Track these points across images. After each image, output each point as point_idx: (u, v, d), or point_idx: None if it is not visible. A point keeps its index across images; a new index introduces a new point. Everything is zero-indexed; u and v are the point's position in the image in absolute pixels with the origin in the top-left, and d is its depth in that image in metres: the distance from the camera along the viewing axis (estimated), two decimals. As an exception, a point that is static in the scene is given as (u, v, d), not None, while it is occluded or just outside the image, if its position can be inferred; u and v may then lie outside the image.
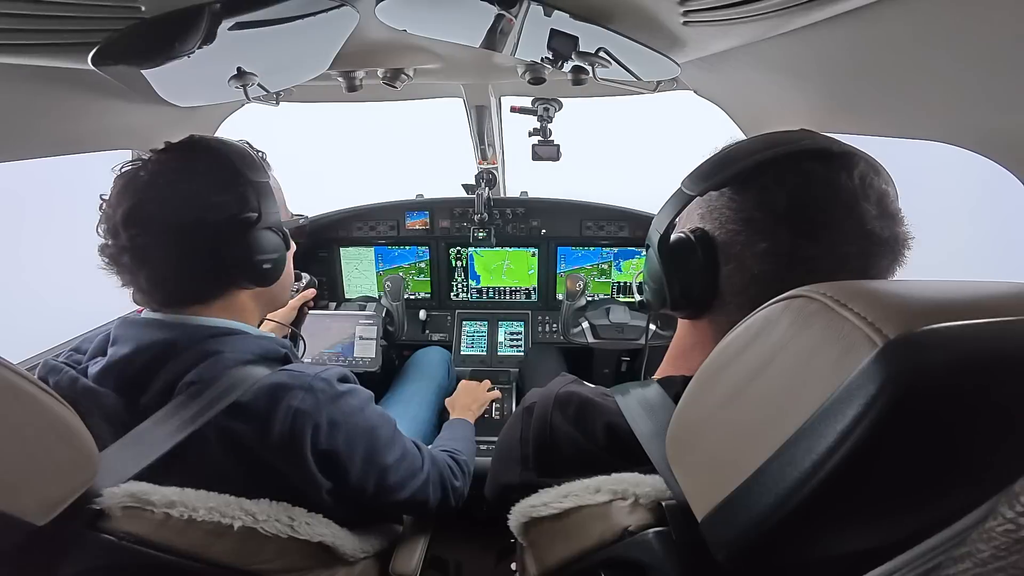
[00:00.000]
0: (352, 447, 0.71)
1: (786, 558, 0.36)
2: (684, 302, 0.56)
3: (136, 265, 0.68)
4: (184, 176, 0.70)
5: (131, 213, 0.67)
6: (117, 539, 0.55)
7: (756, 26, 0.69)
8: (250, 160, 0.76)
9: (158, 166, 0.70)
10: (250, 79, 0.94)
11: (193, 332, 0.70)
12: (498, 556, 1.13)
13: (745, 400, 0.36)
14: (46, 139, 0.98)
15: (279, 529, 0.63)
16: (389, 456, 0.78)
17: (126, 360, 0.66)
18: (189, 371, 0.66)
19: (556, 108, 1.53)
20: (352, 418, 0.72)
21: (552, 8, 0.69)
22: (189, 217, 0.68)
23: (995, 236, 1.32)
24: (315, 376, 0.70)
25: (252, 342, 0.73)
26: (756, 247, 0.50)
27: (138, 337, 0.68)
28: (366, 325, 1.48)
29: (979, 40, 0.51)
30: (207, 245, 0.70)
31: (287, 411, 0.65)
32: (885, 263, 0.50)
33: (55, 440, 0.49)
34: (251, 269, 0.74)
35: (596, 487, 0.49)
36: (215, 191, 0.71)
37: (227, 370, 0.67)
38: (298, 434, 0.65)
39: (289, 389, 0.67)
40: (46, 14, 0.58)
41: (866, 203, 0.48)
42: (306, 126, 2.76)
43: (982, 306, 0.28)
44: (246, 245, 0.72)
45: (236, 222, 0.72)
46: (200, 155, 0.73)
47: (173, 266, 0.69)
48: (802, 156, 0.50)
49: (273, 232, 0.76)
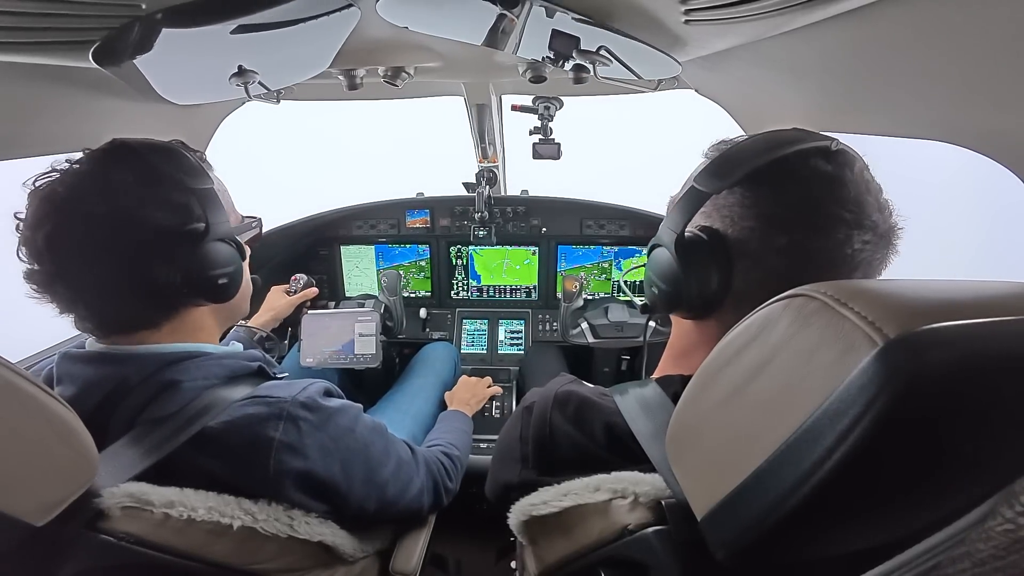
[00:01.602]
0: (350, 472, 0.69)
1: (786, 557, 0.36)
2: (699, 301, 0.56)
3: (70, 293, 0.62)
4: (109, 189, 0.61)
5: (53, 237, 0.59)
6: (116, 539, 0.55)
7: (757, 25, 0.69)
8: (187, 164, 0.68)
9: (77, 179, 0.61)
10: (251, 77, 0.93)
11: (143, 363, 0.63)
12: (498, 554, 1.14)
13: (745, 399, 0.36)
14: (45, 137, 0.97)
15: (278, 529, 0.63)
16: (386, 470, 0.76)
17: (75, 402, 0.55)
18: (145, 408, 0.61)
19: (557, 107, 1.52)
20: (344, 440, 0.68)
21: (554, 7, 0.69)
22: (121, 236, 0.61)
23: (995, 235, 1.31)
24: (294, 401, 0.64)
25: (214, 364, 0.67)
26: (776, 242, 0.51)
27: (84, 375, 0.62)
28: (364, 322, 1.48)
29: (979, 39, 0.51)
30: (147, 265, 0.62)
31: (267, 445, 0.61)
32: (882, 254, 0.52)
33: (54, 440, 0.49)
34: (204, 286, 0.67)
35: (596, 486, 0.49)
36: (148, 204, 0.63)
37: (190, 402, 0.62)
38: (283, 471, 0.61)
39: (266, 421, 0.62)
40: (45, 11, 0.58)
41: (868, 196, 0.50)
42: (307, 124, 2.76)
43: (982, 306, 0.28)
44: (195, 261, 0.65)
45: (179, 236, 0.65)
46: (127, 163, 0.64)
47: (111, 292, 0.62)
48: (809, 154, 0.51)
49: (224, 243, 0.70)
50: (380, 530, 0.87)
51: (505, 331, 1.90)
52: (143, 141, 0.68)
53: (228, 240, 0.71)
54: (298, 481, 0.64)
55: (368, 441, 0.73)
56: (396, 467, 0.78)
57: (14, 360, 0.47)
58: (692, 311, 0.57)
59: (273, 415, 0.63)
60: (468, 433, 1.20)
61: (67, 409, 0.50)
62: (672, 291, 0.57)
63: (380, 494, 0.74)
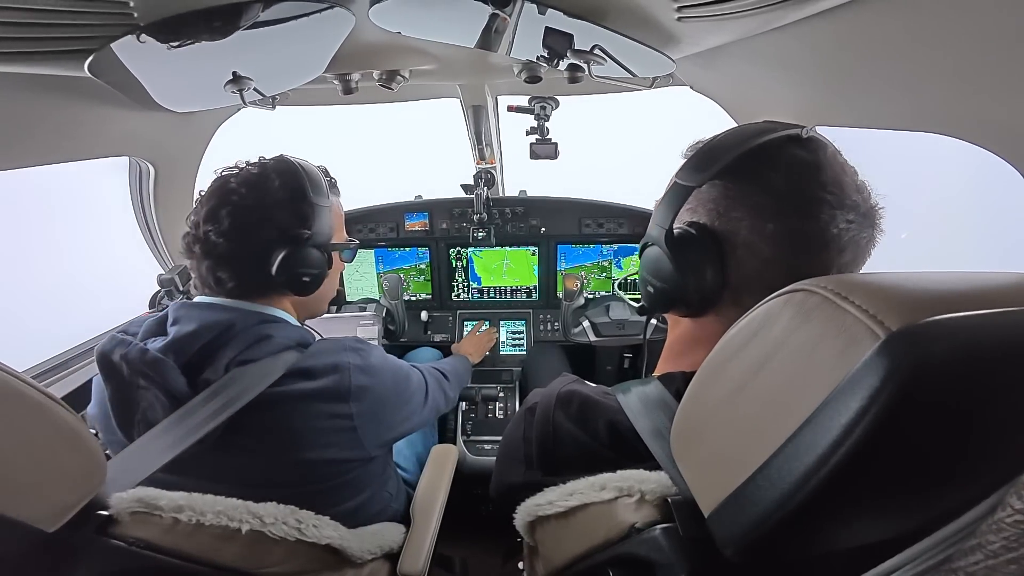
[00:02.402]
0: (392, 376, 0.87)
1: (794, 552, 0.36)
2: (696, 297, 0.55)
3: (203, 255, 0.79)
4: (259, 189, 0.80)
5: (211, 212, 0.78)
6: (127, 544, 0.55)
7: (749, 21, 0.69)
8: (317, 183, 0.85)
9: (245, 175, 0.81)
10: (246, 83, 0.94)
11: (248, 316, 0.79)
12: (505, 555, 1.13)
13: (749, 395, 0.36)
14: (43, 147, 0.98)
15: (286, 532, 0.63)
16: (413, 379, 0.95)
17: (191, 336, 0.72)
18: (243, 351, 0.74)
19: (553, 106, 1.52)
20: (384, 359, 0.87)
21: (547, 7, 0.69)
22: (253, 225, 0.78)
23: (994, 226, 1.31)
24: (347, 344, 0.82)
25: (293, 330, 0.82)
26: (764, 230, 0.51)
27: (201, 317, 0.75)
28: (366, 326, 1.48)
29: (970, 30, 0.51)
30: (262, 251, 0.79)
31: (345, 367, 0.77)
32: (867, 234, 0.52)
33: (63, 447, 0.50)
34: (292, 279, 0.82)
35: (601, 484, 0.49)
36: (279, 207, 0.80)
37: (272, 353, 0.74)
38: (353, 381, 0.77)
39: (340, 351, 0.79)
40: (40, 22, 0.58)
41: (845, 177, 0.51)
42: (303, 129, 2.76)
43: (983, 297, 0.28)
44: (293, 258, 0.80)
45: (289, 236, 0.80)
46: (279, 173, 0.82)
47: (231, 263, 0.79)
48: (784, 142, 0.53)
49: (318, 251, 0.85)
50: (387, 530, 0.87)
51: (507, 332, 1.90)
52: (297, 159, 0.87)
53: (323, 249, 0.86)
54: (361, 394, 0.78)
55: (400, 363, 0.93)
56: (418, 378, 0.99)
57: (20, 368, 0.48)
58: (690, 308, 0.57)
59: (341, 348, 0.80)
60: (465, 371, 1.43)
61: (74, 416, 0.51)
62: (668, 288, 0.56)
63: (409, 399, 0.92)
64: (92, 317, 1.40)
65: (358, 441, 0.78)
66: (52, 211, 1.60)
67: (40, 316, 1.48)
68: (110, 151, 1.19)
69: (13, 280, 1.44)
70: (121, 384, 0.69)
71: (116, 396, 0.70)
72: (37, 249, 1.58)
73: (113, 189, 1.46)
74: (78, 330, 1.34)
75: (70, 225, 1.70)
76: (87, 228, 1.74)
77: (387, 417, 0.84)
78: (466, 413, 1.63)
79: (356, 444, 0.78)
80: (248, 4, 0.66)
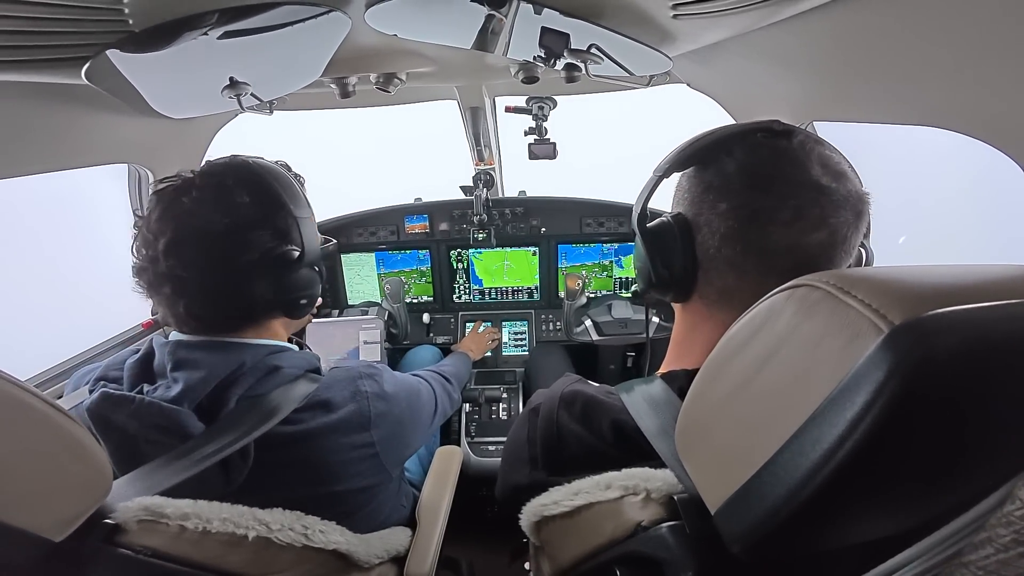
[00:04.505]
0: (406, 395, 0.87)
1: (802, 548, 0.36)
2: (668, 277, 0.59)
3: (174, 294, 0.69)
4: (225, 209, 0.69)
5: (172, 245, 0.67)
6: (134, 552, 0.55)
7: (745, 17, 0.69)
8: (292, 191, 0.76)
9: (201, 193, 0.70)
10: (243, 89, 0.94)
11: (255, 352, 0.73)
12: (511, 556, 1.13)
13: (753, 391, 0.35)
14: (42, 155, 0.98)
15: (293, 538, 0.63)
16: (424, 391, 0.96)
17: (202, 383, 0.67)
18: (253, 385, 0.70)
19: (551, 106, 1.53)
20: (398, 379, 0.87)
21: (542, 6, 0.69)
22: (231, 253, 0.69)
23: (995, 219, 1.31)
24: (359, 371, 0.80)
25: (298, 357, 0.77)
26: (718, 208, 0.55)
27: (208, 362, 0.69)
28: (369, 329, 1.48)
29: (968, 23, 0.51)
30: (249, 280, 0.71)
31: (363, 395, 0.76)
32: (847, 216, 0.52)
33: (67, 456, 0.50)
34: (289, 304, 0.76)
35: (607, 483, 0.49)
36: (255, 227, 0.71)
37: (281, 384, 0.71)
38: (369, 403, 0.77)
39: (355, 379, 0.78)
40: (36, 30, 0.58)
41: (808, 160, 0.53)
42: (301, 134, 2.76)
43: (987, 289, 0.28)
44: (288, 282, 0.74)
45: (279, 259, 0.72)
46: (243, 185, 0.72)
47: (213, 298, 0.70)
48: (749, 131, 0.56)
49: (312, 269, 0.78)
50: (393, 534, 0.87)
51: (509, 333, 1.90)
52: (258, 162, 0.76)
53: (315, 266, 0.79)
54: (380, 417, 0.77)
55: (409, 379, 0.92)
56: (427, 390, 0.99)
57: (24, 378, 0.48)
58: (668, 289, 0.61)
59: (355, 376, 0.78)
60: (466, 368, 1.46)
61: (78, 426, 0.51)
62: (645, 270, 0.61)
63: (421, 411, 0.92)
64: (93, 323, 1.41)
65: (381, 466, 0.78)
66: (51, 217, 1.60)
67: (40, 322, 1.48)
68: (109, 158, 1.19)
69: (13, 286, 1.44)
70: (124, 440, 0.65)
71: (119, 453, 0.65)
72: (36, 256, 1.58)
73: (112, 194, 1.46)
74: (78, 337, 1.35)
75: (70, 231, 1.70)
76: (86, 233, 1.74)
77: (405, 437, 0.84)
78: (470, 415, 1.63)
79: (380, 469, 0.78)
80: (243, 9, 0.66)
